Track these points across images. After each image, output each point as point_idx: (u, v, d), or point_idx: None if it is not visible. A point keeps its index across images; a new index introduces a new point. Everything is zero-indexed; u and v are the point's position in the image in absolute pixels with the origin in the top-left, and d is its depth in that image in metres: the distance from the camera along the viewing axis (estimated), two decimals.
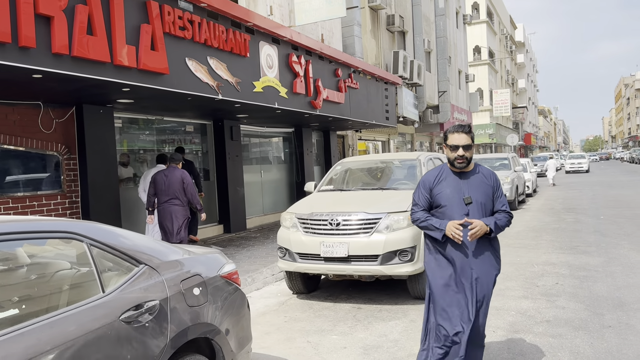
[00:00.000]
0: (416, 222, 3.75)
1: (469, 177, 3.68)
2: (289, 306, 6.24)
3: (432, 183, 3.73)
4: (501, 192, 3.72)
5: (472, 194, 3.60)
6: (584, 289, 6.34)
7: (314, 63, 10.72)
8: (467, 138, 3.60)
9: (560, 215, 13.89)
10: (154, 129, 10.12)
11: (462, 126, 3.67)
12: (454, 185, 3.66)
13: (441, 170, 3.77)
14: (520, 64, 65.14)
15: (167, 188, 7.55)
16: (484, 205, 3.62)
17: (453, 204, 3.61)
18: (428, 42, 22.66)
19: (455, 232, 3.47)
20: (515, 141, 39.52)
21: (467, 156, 3.59)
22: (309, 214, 6.15)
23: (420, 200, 3.76)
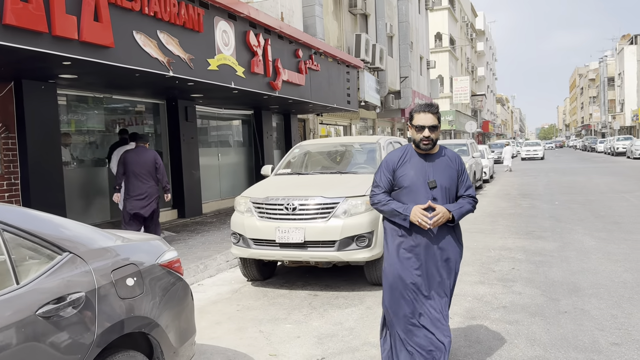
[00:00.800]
0: (377, 204, 3.53)
1: (434, 160, 3.48)
2: (242, 294, 5.99)
3: (395, 164, 3.50)
4: (466, 176, 3.54)
5: (437, 178, 3.42)
6: (539, 274, 6.33)
7: (273, 42, 10.38)
8: (433, 118, 3.40)
9: (516, 200, 14.08)
10: (102, 108, 9.60)
11: (429, 105, 3.45)
12: (418, 167, 3.45)
13: (405, 151, 3.56)
14: (480, 52, 66.05)
15: (140, 167, 7.54)
16: (448, 190, 3.44)
17: (416, 186, 3.41)
18: (390, 26, 22.50)
19: (422, 218, 3.28)
20: (474, 128, 40.09)
21: (433, 137, 3.40)
22: (264, 199, 5.89)
23: (382, 182, 3.55)
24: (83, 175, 9.12)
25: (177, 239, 8.57)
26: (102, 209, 9.38)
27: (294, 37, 11.18)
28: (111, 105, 9.98)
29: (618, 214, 10.83)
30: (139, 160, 7.54)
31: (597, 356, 3.91)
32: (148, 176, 7.58)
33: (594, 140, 59.00)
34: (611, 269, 6.45)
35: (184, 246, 7.92)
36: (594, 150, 53.36)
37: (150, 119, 10.93)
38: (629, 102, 60.88)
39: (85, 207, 8.97)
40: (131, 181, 7.55)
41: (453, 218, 3.37)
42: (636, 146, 34.70)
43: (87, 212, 8.99)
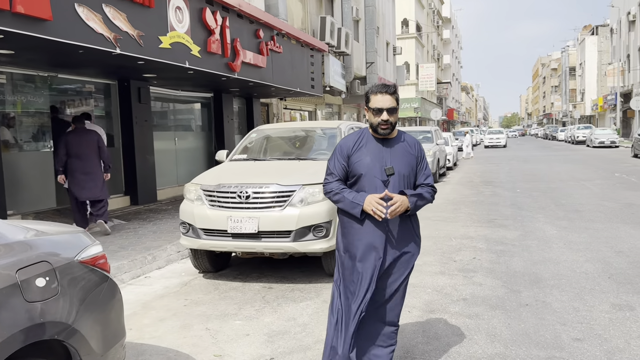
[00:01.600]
0: (329, 194, 3.24)
1: (393, 145, 3.21)
2: (192, 287, 5.63)
3: (350, 149, 3.21)
4: (426, 164, 3.28)
5: (395, 164, 3.15)
6: (500, 264, 6.19)
7: (232, 21, 9.91)
8: (392, 100, 3.13)
9: (479, 188, 14.07)
10: (46, 88, 8.98)
11: (387, 86, 3.15)
12: (375, 153, 3.17)
13: (361, 136, 3.25)
14: (446, 39, 66.39)
15: (83, 148, 7.48)
16: (406, 178, 3.18)
17: (372, 174, 3.13)
18: (356, 10, 22.15)
19: (378, 207, 2.99)
20: (439, 116, 40.33)
21: (391, 121, 3.12)
22: (215, 186, 5.52)
23: (335, 169, 3.24)
24: (27, 159, 8.53)
25: (127, 227, 8.12)
26: (48, 196, 8.81)
27: (254, 17, 10.72)
28: (59, 85, 9.36)
29: (579, 202, 10.87)
30: (81, 141, 7.46)
31: (559, 353, 3.74)
32: (92, 156, 7.51)
33: (555, 129, 60.36)
34: (572, 258, 6.36)
35: (133, 235, 7.49)
36: (555, 139, 54.58)
37: (101, 100, 10.34)
38: (589, 92, 62.41)
39: (28, 193, 8.40)
40: (74, 162, 7.43)
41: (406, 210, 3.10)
42: (596, 135, 35.53)
43: (30, 199, 8.42)
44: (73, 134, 7.56)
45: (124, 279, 5.82)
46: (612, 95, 45.61)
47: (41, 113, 8.93)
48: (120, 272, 5.81)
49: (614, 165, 19.88)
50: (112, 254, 6.34)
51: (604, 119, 54.93)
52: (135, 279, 5.94)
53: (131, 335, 4.29)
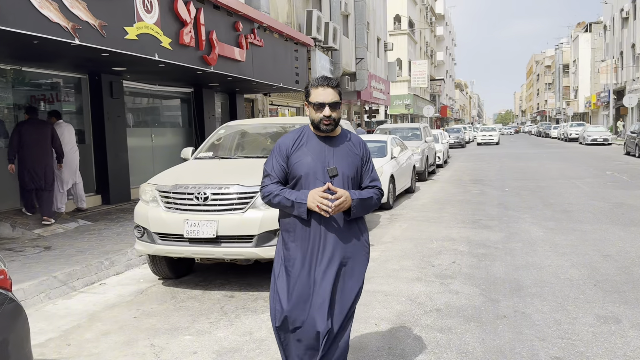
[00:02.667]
0: (267, 197, 2.89)
1: (336, 144, 2.92)
2: (147, 296, 5.23)
3: (289, 148, 2.91)
4: (372, 166, 3.02)
5: (338, 165, 2.86)
6: (480, 270, 5.82)
7: (207, 13, 9.48)
8: (334, 94, 2.84)
9: (467, 186, 13.71)
10: (10, 81, 8.52)
11: (328, 79, 2.88)
12: (316, 152, 2.88)
13: (302, 134, 2.96)
14: (440, 36, 66.02)
15: (36, 139, 7.58)
16: (351, 180, 2.89)
17: (314, 175, 2.84)
18: (345, 4, 21.73)
19: (322, 201, 2.71)
20: (432, 113, 40.01)
21: (334, 117, 2.84)
22: (172, 186, 5.11)
23: (273, 170, 2.92)
24: None
25: (92, 229, 7.69)
26: (12, 196, 8.34)
27: (233, 8, 10.29)
28: (24, 79, 8.90)
29: (568, 201, 10.53)
30: (34, 132, 7.57)
31: None
32: (44, 147, 7.66)
33: (548, 126, 60.14)
34: (557, 263, 6.00)
35: (96, 238, 7.07)
36: (548, 136, 54.35)
37: (71, 95, 9.89)
38: (583, 89, 62.23)
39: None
40: (26, 152, 7.54)
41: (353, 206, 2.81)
42: (588, 132, 35.28)
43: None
44: (26, 125, 7.61)
45: (76, 286, 5.41)
46: (605, 93, 45.39)
47: (7, 108, 8.48)
48: (72, 279, 5.40)
49: (605, 163, 19.58)
50: (67, 259, 5.93)
51: (597, 116, 54.77)
52: (89, 286, 5.53)
53: (68, 352, 3.90)
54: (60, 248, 6.48)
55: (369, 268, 5.96)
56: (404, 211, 10.09)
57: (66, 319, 4.61)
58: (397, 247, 7.02)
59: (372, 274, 5.75)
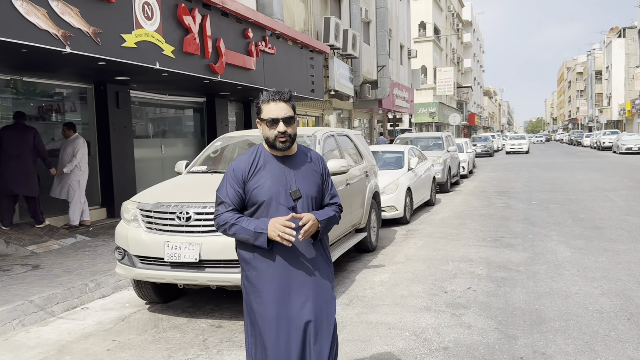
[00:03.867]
0: (222, 227, 2.65)
1: (295, 164, 2.73)
2: (128, 324, 4.81)
3: (246, 173, 2.67)
4: (331, 182, 2.86)
5: (301, 186, 2.69)
6: (498, 298, 5.23)
7: (214, 19, 9.13)
8: (287, 108, 2.65)
9: (491, 199, 13.01)
10: (12, 92, 8.31)
11: (280, 92, 2.67)
12: (276, 175, 2.67)
13: (257, 155, 2.72)
14: (467, 43, 64.93)
15: (17, 145, 7.42)
16: (314, 200, 2.74)
17: (276, 200, 2.63)
18: (366, 11, 21.25)
19: (285, 230, 2.50)
20: (458, 121, 39.11)
21: (289, 132, 2.65)
22: (153, 205, 4.69)
23: (228, 197, 2.66)
24: None
25: (88, 245, 7.35)
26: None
27: (242, 15, 9.93)
28: (29, 89, 8.69)
29: (599, 216, 9.78)
30: (16, 137, 7.40)
31: None
32: (25, 153, 7.46)
33: (580, 134, 58.38)
34: (585, 290, 5.36)
35: (89, 255, 6.71)
36: (580, 145, 52.74)
37: (77, 106, 9.65)
38: (617, 96, 60.24)
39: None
40: (6, 159, 7.41)
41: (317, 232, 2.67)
42: (622, 141, 33.90)
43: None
44: (8, 130, 7.49)
45: (55, 311, 5.02)
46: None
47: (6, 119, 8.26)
48: (51, 303, 5.02)
49: None
50: (51, 280, 5.57)
51: (631, 124, 52.86)
52: (70, 311, 5.15)
53: None
54: (48, 267, 6.13)
55: (375, 294, 5.48)
56: (421, 226, 9.51)
57: (34, 350, 4.22)
58: (409, 269, 6.46)
59: (379, 300, 5.22)
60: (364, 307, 5.06)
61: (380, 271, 6.40)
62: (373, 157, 8.02)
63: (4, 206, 7.48)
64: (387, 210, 9.36)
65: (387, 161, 11.10)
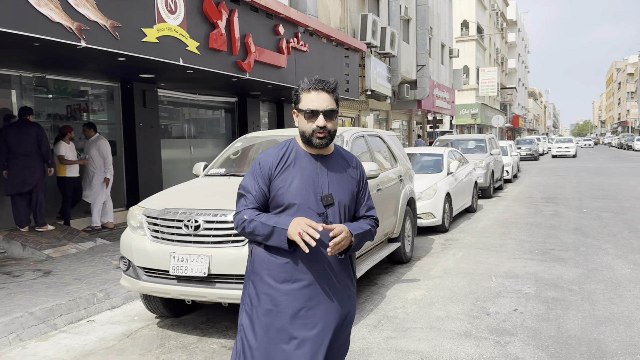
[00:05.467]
0: (241, 225, 2.28)
1: (331, 165, 2.37)
2: (133, 341, 4.38)
3: (273, 169, 2.31)
4: (368, 192, 2.49)
5: (334, 191, 2.32)
6: (550, 323, 4.55)
7: (243, 14, 8.71)
8: (330, 99, 2.30)
9: (538, 206, 12.14)
10: (35, 89, 8.10)
11: (324, 81, 2.32)
12: (307, 175, 2.31)
13: (287, 149, 2.36)
14: (512, 43, 62.96)
15: (21, 142, 7.09)
16: (347, 210, 2.36)
17: (305, 204, 2.27)
18: (406, 8, 20.54)
19: (309, 230, 2.11)
20: (501, 122, 37.70)
21: (329, 128, 2.30)
22: (160, 211, 4.25)
23: (253, 189, 2.32)
24: None
25: (106, 250, 7.01)
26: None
27: (273, 10, 9.48)
28: (48, 87, 8.49)
29: None
30: (19, 134, 7.10)
31: None
32: (30, 151, 7.13)
33: (631, 138, 55.65)
34: None
35: (104, 262, 6.35)
36: (631, 148, 50.28)
37: (104, 105, 9.42)
38: None
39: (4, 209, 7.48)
40: (12, 157, 7.07)
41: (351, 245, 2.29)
42: None
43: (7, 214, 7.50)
44: (11, 127, 7.18)
45: (57, 324, 4.65)
46: None
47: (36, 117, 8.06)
48: (54, 315, 4.65)
49: None
50: (58, 289, 5.22)
51: None
52: (74, 324, 4.77)
53: None
54: (60, 274, 5.81)
55: (407, 314, 4.88)
56: (461, 235, 8.82)
57: None
58: (447, 285, 5.83)
59: (411, 322, 4.63)
60: (393, 330, 4.49)
61: (414, 286, 5.79)
62: (409, 160, 7.41)
63: (16, 206, 7.15)
64: (424, 218, 8.72)
65: (425, 165, 10.45)
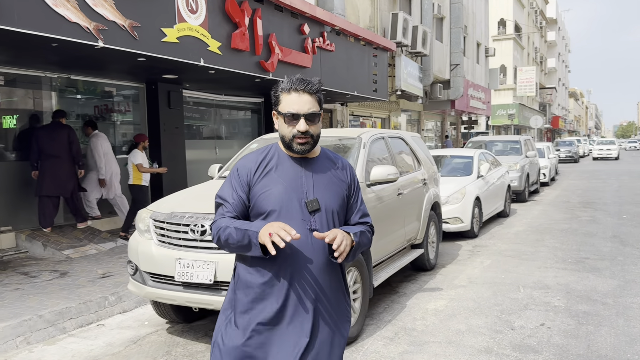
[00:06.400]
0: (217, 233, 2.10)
1: (316, 168, 2.19)
2: (140, 347, 4.28)
3: (252, 174, 2.15)
4: (361, 197, 2.28)
5: (320, 196, 2.13)
6: (579, 340, 4.23)
7: (267, 14, 8.57)
8: (312, 102, 2.10)
9: (575, 211, 11.60)
10: (56, 90, 8.16)
11: (304, 81, 2.11)
12: (290, 179, 2.13)
13: (268, 154, 2.20)
14: (551, 42, 61.20)
15: (53, 144, 7.20)
16: (336, 216, 2.16)
17: (288, 210, 2.08)
18: (439, 6, 20.09)
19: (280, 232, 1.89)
20: (540, 124, 36.61)
21: (312, 132, 2.12)
22: (167, 215, 4.13)
23: (230, 198, 2.14)
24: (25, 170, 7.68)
25: (125, 251, 6.98)
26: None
27: (298, 9, 9.31)
28: (81, 88, 8.56)
29: None
30: (51, 136, 7.19)
31: None
32: (61, 153, 7.24)
33: None
34: None
35: (121, 264, 6.31)
36: None
37: (129, 105, 9.45)
38: None
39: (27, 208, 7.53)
40: (43, 159, 7.15)
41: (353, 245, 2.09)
42: None
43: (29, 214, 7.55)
44: (43, 129, 7.29)
45: (67, 327, 4.60)
46: None
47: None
48: (63, 318, 4.60)
49: None
50: (71, 291, 5.18)
51: None
52: (83, 327, 4.70)
53: None
54: (76, 275, 5.79)
55: (426, 326, 4.63)
56: (491, 242, 8.46)
57: None
58: (471, 295, 5.54)
59: (429, 336, 4.38)
60: (410, 343, 4.24)
61: (436, 296, 5.52)
62: (434, 163, 7.13)
63: (43, 207, 7.19)
64: (451, 222, 8.40)
65: (454, 167, 10.10)
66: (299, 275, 2.06)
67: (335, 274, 2.17)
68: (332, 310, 2.14)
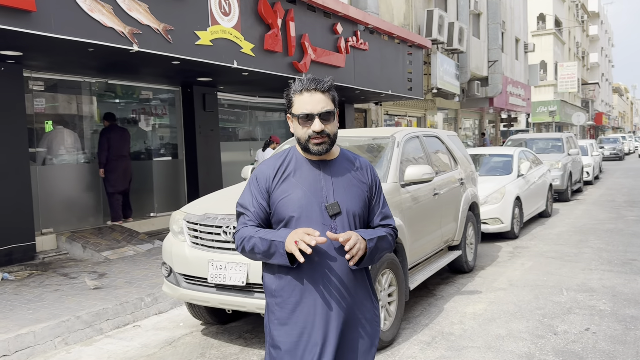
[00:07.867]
0: (241, 244, 2.09)
1: (335, 171, 2.13)
2: (175, 349, 4.29)
3: (270, 181, 2.11)
4: (383, 198, 2.22)
5: (340, 199, 2.08)
6: (627, 346, 4.01)
7: (299, 14, 8.55)
8: (325, 100, 2.05)
9: (620, 210, 11.14)
10: (95, 95, 8.35)
11: (317, 81, 2.06)
12: (309, 183, 2.08)
13: (286, 158, 2.14)
14: (593, 36, 59.22)
15: (122, 145, 7.95)
16: (358, 219, 2.11)
17: (307, 215, 2.04)
18: (476, 2, 19.69)
19: (305, 237, 1.88)
20: (582, 120, 35.44)
21: (328, 132, 2.06)
22: (200, 216, 4.13)
23: (251, 206, 2.11)
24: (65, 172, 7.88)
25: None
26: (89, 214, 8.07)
27: (330, 9, 9.26)
28: (111, 92, 8.73)
29: None
30: (121, 137, 7.93)
31: None
32: (126, 153, 7.98)
33: None
34: None
35: (158, 265, 6.38)
36: None
37: (166, 108, 9.59)
38: None
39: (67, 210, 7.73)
40: (114, 159, 7.80)
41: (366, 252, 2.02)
42: None
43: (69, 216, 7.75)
44: (113, 132, 7.88)
45: (104, 328, 4.66)
46: None
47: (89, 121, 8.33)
48: (100, 319, 4.66)
49: None
50: (108, 292, 5.25)
51: None
52: (120, 328, 4.76)
53: None
54: (113, 276, 5.87)
55: (464, 331, 4.48)
56: (532, 243, 8.19)
57: None
58: (511, 298, 5.35)
59: (467, 341, 4.24)
60: (447, 348, 4.11)
61: (474, 299, 5.36)
62: (471, 162, 6.94)
63: (114, 203, 7.93)
64: (490, 223, 8.17)
65: (494, 166, 9.83)
66: (323, 280, 2.01)
67: (361, 278, 2.11)
68: (359, 314, 2.09)
